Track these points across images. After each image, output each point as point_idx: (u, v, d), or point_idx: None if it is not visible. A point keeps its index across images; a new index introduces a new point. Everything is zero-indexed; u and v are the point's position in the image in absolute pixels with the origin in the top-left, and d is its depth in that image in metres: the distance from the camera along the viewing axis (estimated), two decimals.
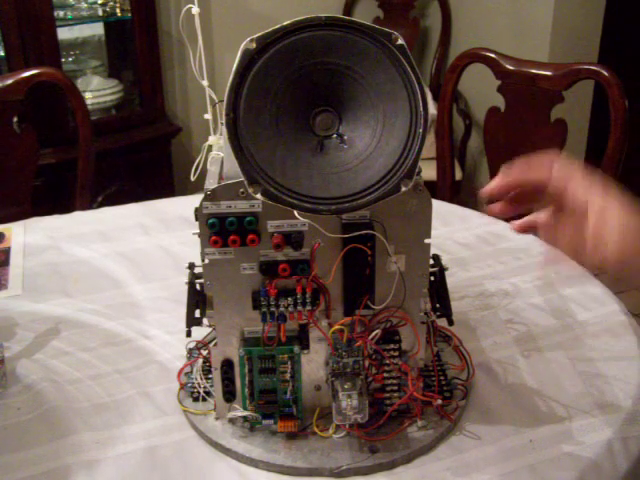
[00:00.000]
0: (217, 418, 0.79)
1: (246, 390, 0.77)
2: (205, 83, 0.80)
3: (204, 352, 0.85)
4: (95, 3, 2.33)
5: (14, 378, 0.88)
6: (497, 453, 0.76)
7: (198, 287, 0.79)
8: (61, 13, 2.23)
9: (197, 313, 0.78)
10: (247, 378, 0.76)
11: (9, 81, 1.52)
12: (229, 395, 0.78)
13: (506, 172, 0.72)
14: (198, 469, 0.75)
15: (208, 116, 0.82)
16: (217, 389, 0.78)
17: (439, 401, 0.78)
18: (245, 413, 0.77)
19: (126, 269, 1.14)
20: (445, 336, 0.91)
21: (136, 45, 2.30)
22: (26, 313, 1.02)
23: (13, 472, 0.74)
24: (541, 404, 0.83)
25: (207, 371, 0.84)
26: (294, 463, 0.74)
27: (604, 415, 0.80)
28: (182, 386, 0.84)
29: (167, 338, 0.96)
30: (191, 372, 0.85)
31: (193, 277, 0.80)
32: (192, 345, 0.86)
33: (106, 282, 1.10)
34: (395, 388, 0.77)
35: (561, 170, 0.70)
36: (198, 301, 0.78)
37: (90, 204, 1.64)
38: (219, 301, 0.75)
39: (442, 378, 0.84)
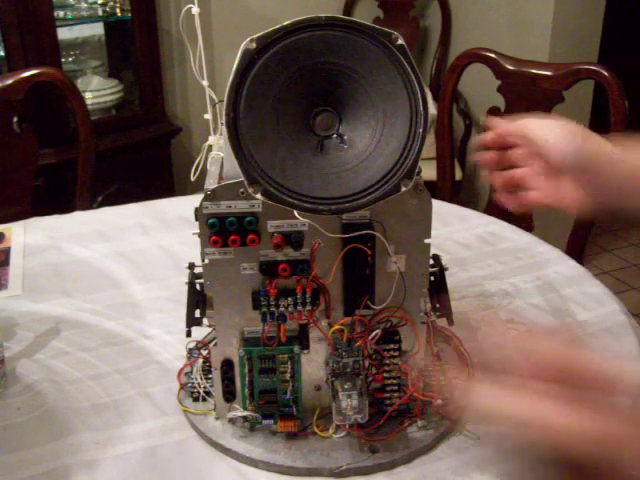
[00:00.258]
0: (217, 418, 0.79)
1: (246, 390, 0.77)
2: (205, 83, 0.80)
3: (204, 352, 0.85)
4: (95, 3, 2.33)
5: (14, 378, 0.88)
6: (497, 453, 0.76)
7: (198, 287, 0.79)
8: (61, 13, 2.22)
9: (197, 313, 0.78)
10: (247, 378, 0.76)
11: (9, 81, 1.52)
12: (229, 395, 0.78)
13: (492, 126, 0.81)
14: (198, 469, 0.75)
15: (208, 116, 0.82)
16: (217, 389, 0.78)
17: (439, 401, 0.78)
18: (245, 413, 0.77)
19: (126, 269, 1.14)
20: (445, 336, 0.91)
21: (136, 45, 2.30)
22: (26, 313, 1.02)
23: (13, 472, 0.74)
24: None
25: (207, 371, 0.84)
26: (294, 463, 0.74)
27: None
28: (182, 386, 0.84)
29: (167, 338, 0.96)
30: (191, 372, 0.85)
31: (193, 277, 0.80)
32: (192, 345, 0.86)
33: (106, 282, 1.10)
34: (395, 388, 0.77)
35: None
36: (198, 301, 0.78)
37: (90, 204, 1.64)
38: (219, 301, 0.75)
39: (442, 378, 0.84)
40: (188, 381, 0.84)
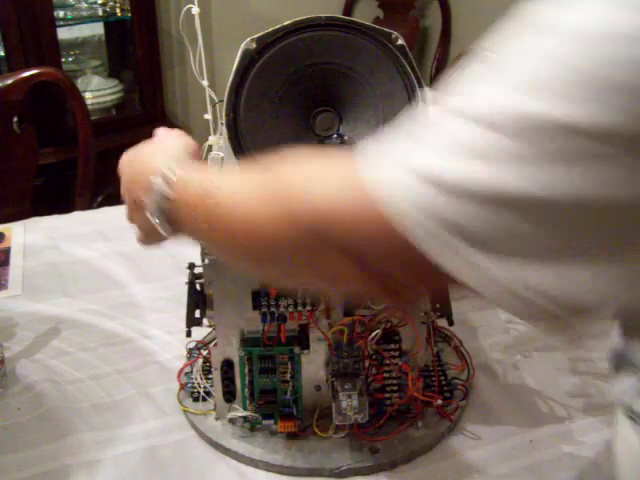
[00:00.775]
0: (217, 418, 0.79)
1: (246, 390, 0.77)
2: (205, 83, 0.80)
3: (204, 352, 0.85)
4: (95, 3, 2.33)
5: (14, 378, 0.88)
6: (497, 453, 0.76)
7: (198, 287, 0.79)
8: (61, 13, 2.22)
9: (197, 313, 0.78)
10: (247, 378, 0.76)
11: (9, 81, 1.52)
12: (229, 395, 0.78)
13: None
14: (198, 469, 0.75)
15: (208, 116, 0.82)
16: (217, 389, 0.78)
17: (439, 401, 0.78)
18: (245, 413, 0.77)
19: (126, 269, 1.14)
20: (445, 336, 0.91)
21: (136, 45, 2.29)
22: (26, 313, 1.02)
23: (13, 472, 0.74)
24: (541, 404, 0.83)
25: (207, 371, 0.84)
26: (294, 463, 0.74)
27: (604, 415, 0.80)
28: (182, 386, 0.84)
29: (167, 338, 0.96)
30: (191, 372, 0.85)
31: (193, 277, 0.80)
32: (192, 345, 0.86)
33: (106, 282, 1.10)
34: (395, 388, 0.77)
35: None
36: (198, 301, 0.78)
37: (90, 204, 1.63)
38: (219, 301, 0.75)
39: (442, 378, 0.84)
40: (188, 381, 0.84)
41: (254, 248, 0.47)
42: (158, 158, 0.61)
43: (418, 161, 0.37)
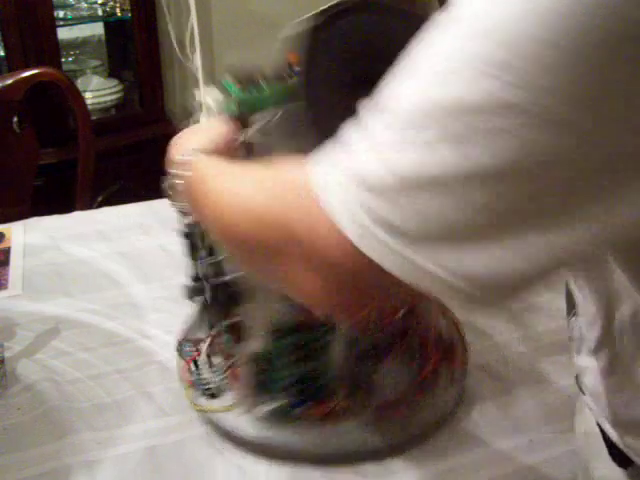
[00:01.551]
0: (243, 413, 0.78)
1: (274, 381, 0.76)
2: (203, 82, 0.80)
3: (199, 348, 0.84)
4: (95, 3, 2.33)
5: (14, 378, 0.88)
6: (497, 453, 0.76)
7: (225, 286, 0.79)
8: (61, 13, 2.22)
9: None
10: (276, 368, 0.75)
11: (9, 81, 1.52)
12: (256, 388, 0.77)
13: None
14: (198, 469, 0.75)
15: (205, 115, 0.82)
16: (244, 383, 0.77)
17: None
18: (273, 405, 0.76)
19: (126, 269, 1.13)
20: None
21: (136, 45, 2.29)
22: (26, 313, 1.02)
23: (13, 472, 0.74)
24: (541, 404, 0.83)
25: (212, 365, 0.82)
26: (324, 449, 0.74)
27: None
28: (190, 384, 0.82)
29: (167, 338, 0.95)
30: (197, 369, 0.83)
31: (189, 228, 0.79)
32: (187, 345, 0.85)
33: (106, 282, 1.10)
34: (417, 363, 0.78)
35: None
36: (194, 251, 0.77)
37: (90, 204, 1.63)
38: (247, 294, 0.75)
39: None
40: (195, 378, 0.82)
41: (229, 234, 0.51)
42: (187, 143, 0.70)
43: (346, 164, 0.40)
